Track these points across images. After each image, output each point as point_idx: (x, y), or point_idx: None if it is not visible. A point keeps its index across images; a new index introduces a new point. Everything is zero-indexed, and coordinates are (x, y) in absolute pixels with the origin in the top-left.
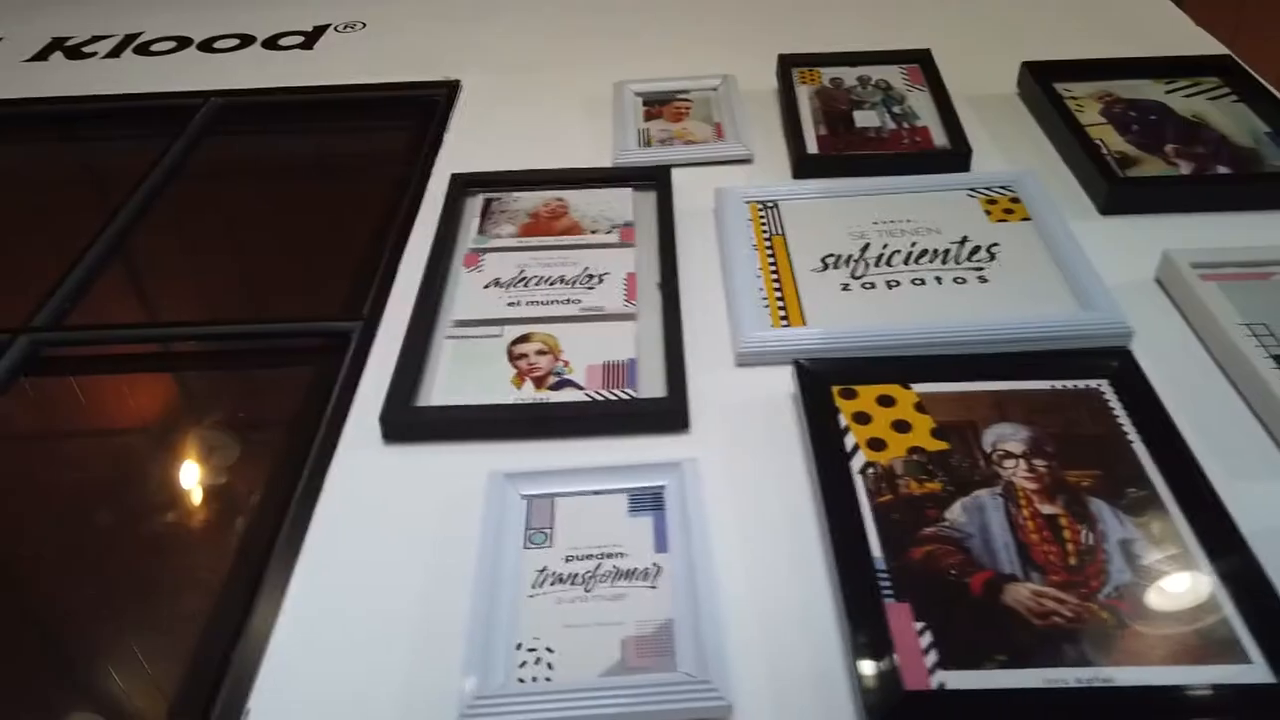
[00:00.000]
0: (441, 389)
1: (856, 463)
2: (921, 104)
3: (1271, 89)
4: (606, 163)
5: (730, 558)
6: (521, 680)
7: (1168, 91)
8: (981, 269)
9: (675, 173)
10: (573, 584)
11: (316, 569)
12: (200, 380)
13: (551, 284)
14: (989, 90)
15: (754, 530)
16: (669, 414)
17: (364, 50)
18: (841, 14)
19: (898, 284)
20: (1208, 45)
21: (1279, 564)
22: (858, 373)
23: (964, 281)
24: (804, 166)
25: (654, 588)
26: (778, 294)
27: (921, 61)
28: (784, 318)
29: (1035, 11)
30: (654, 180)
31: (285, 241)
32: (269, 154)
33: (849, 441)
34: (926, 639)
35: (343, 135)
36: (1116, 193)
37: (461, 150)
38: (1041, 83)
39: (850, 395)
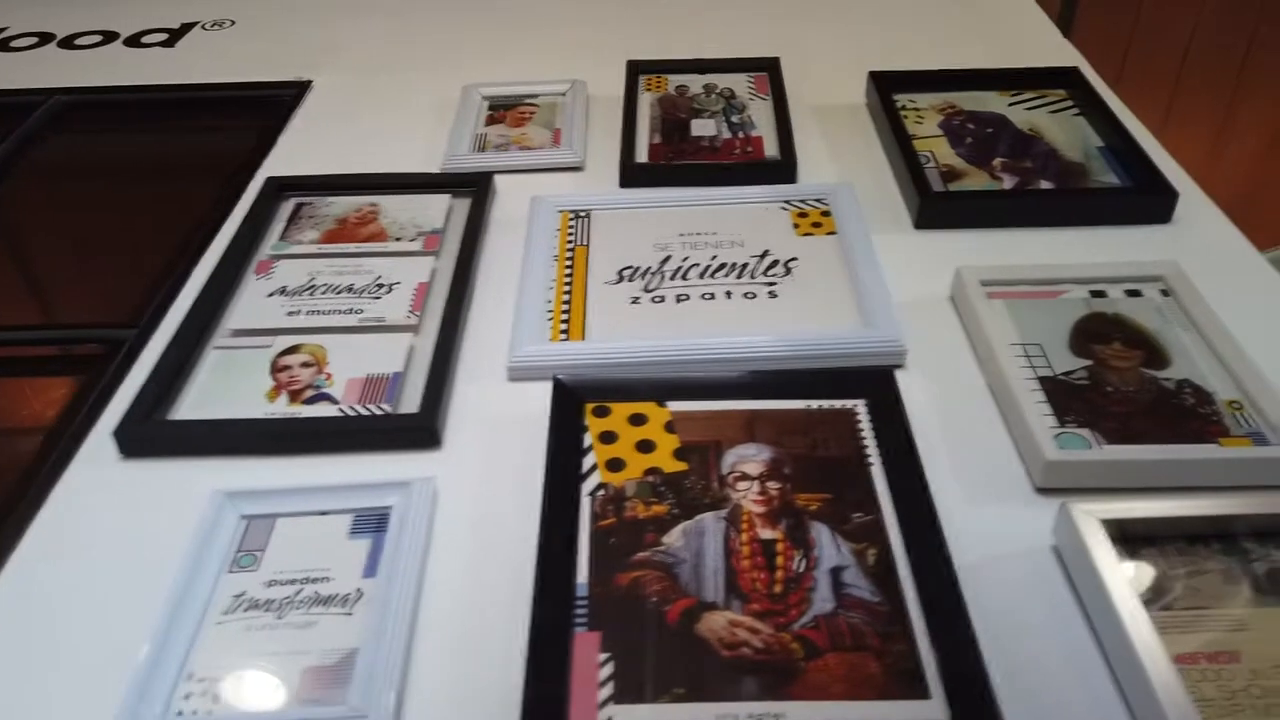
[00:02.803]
0: (193, 402)
1: (590, 484)
2: (762, 114)
3: (1110, 104)
4: (437, 168)
5: (443, 583)
6: (180, 713)
7: (1011, 104)
8: (774, 283)
9: (506, 180)
10: (267, 610)
11: (16, 589)
12: None
13: (338, 293)
14: (843, 100)
15: (478, 553)
16: (419, 431)
17: (225, 48)
18: (717, 21)
19: (687, 298)
20: (1073, 59)
21: (990, 593)
22: (616, 390)
23: (754, 296)
24: (631, 175)
25: (349, 614)
26: (565, 307)
27: (770, 70)
28: (565, 331)
29: (909, 21)
30: (474, 187)
31: (96, 244)
32: (105, 154)
33: (588, 461)
34: (608, 670)
35: (184, 135)
36: (928, 207)
37: (295, 152)
38: (882, 93)
39: (604, 413)
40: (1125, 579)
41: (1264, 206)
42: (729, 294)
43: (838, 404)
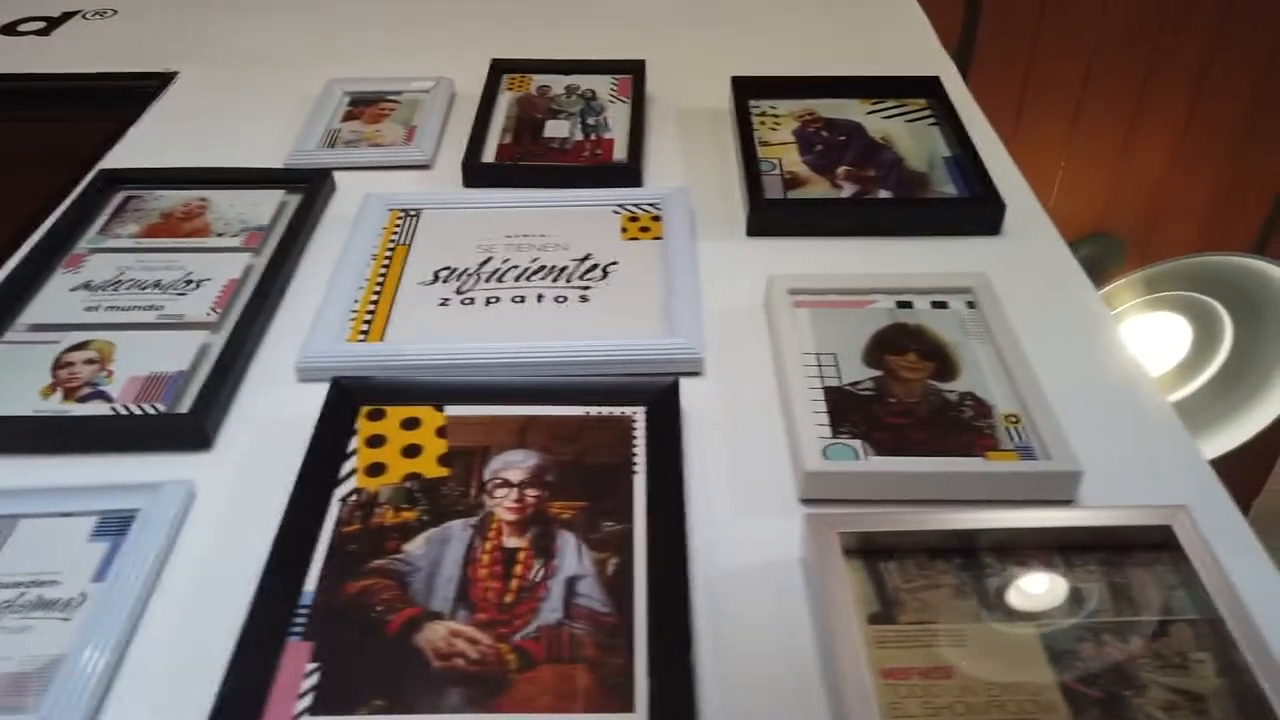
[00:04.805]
0: None
1: (345, 489)
2: (619, 116)
3: (966, 114)
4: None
5: (178, 589)
6: None
7: (869, 112)
8: (588, 288)
9: (353, 177)
10: None
11: None
12: None
13: (144, 289)
14: (710, 105)
15: (221, 559)
16: (187, 431)
17: (101, 38)
18: (602, 22)
19: (497, 300)
20: (944, 68)
21: (733, 606)
22: (394, 393)
23: (565, 300)
24: (474, 175)
25: (67, 620)
26: (372, 307)
27: (634, 73)
28: (365, 333)
29: (791, 26)
30: (310, 183)
31: None
32: None
33: (347, 466)
34: (312, 681)
35: (41, 126)
36: (758, 215)
37: (144, 145)
38: (739, 98)
39: (378, 416)
40: (846, 591)
41: (1171, 220)
42: (540, 297)
43: (615, 411)
